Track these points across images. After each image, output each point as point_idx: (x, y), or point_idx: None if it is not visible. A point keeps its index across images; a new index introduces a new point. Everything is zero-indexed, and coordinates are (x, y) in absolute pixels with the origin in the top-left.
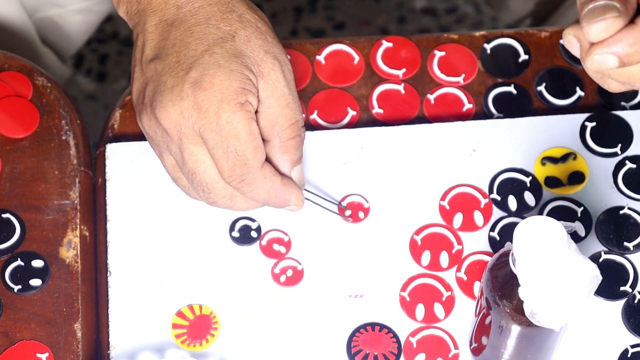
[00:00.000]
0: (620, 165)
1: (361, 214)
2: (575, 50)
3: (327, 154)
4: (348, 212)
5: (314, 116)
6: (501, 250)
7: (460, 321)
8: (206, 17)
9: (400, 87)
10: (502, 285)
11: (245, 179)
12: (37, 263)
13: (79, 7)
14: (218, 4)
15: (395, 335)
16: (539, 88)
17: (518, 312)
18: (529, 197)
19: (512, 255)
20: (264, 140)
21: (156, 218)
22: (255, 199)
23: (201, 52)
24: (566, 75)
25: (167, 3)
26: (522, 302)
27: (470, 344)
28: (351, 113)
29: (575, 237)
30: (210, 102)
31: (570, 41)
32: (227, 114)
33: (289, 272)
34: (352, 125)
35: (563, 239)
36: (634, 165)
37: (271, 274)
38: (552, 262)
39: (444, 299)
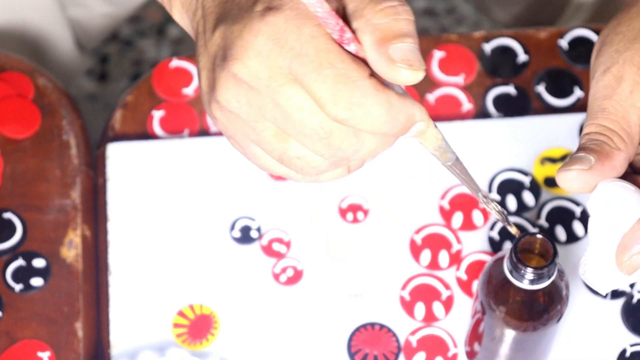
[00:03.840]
0: None
1: (360, 215)
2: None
3: None
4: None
5: None
6: (496, 256)
7: (459, 320)
8: None
9: None
10: (496, 290)
11: (354, 100)
12: (39, 262)
13: (102, 10)
14: None
15: (395, 335)
16: (538, 88)
17: (512, 317)
18: (528, 197)
19: (512, 261)
20: (358, 29)
21: (157, 218)
22: (373, 125)
23: None
24: (565, 75)
25: None
26: (516, 306)
27: (465, 346)
28: None
29: (574, 237)
30: (287, 23)
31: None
32: (307, 28)
33: (289, 272)
34: None
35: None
36: None
37: (271, 273)
38: (622, 228)
39: (443, 298)
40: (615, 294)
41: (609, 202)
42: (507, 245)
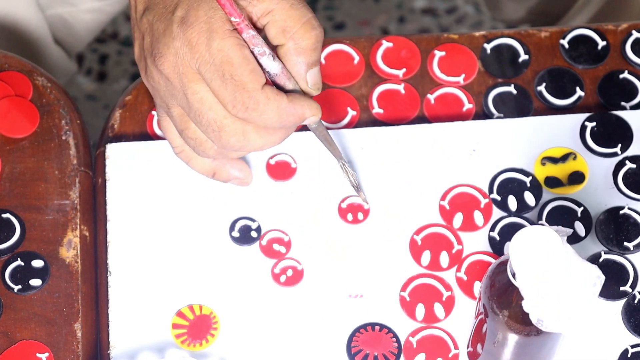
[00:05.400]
0: (620, 165)
1: (361, 215)
2: None
3: (327, 154)
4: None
5: None
6: (500, 259)
7: (460, 321)
8: None
9: (400, 87)
10: (499, 294)
11: (248, 105)
12: (37, 263)
13: (90, 6)
14: None
15: (395, 335)
16: (539, 88)
17: (515, 320)
18: (529, 197)
19: (511, 267)
20: (277, 47)
21: (156, 218)
22: (267, 124)
23: None
24: (566, 75)
25: None
26: (518, 310)
27: (467, 347)
28: (351, 113)
29: (575, 237)
30: (199, 35)
31: None
32: (216, 42)
33: (289, 272)
34: (352, 125)
35: (559, 246)
36: (634, 165)
37: (271, 274)
38: (551, 269)
39: (444, 299)
40: (616, 295)
41: (528, 247)
42: (508, 246)
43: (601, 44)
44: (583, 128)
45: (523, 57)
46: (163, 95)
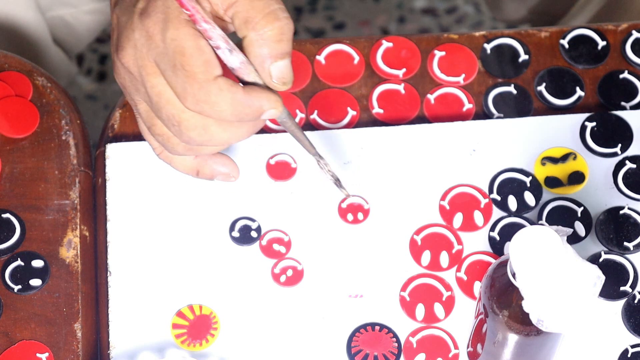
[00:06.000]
0: (620, 165)
1: (361, 215)
2: None
3: (327, 154)
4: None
5: (314, 116)
6: (500, 259)
7: (460, 321)
8: None
9: (400, 87)
10: (499, 294)
11: (199, 97)
12: (37, 263)
13: (90, 7)
14: None
15: (395, 335)
16: (539, 88)
17: (515, 320)
18: (529, 197)
19: (511, 267)
20: (242, 39)
21: (156, 218)
22: (221, 117)
23: None
24: (566, 75)
25: None
26: (518, 310)
27: (467, 347)
28: (351, 113)
29: (575, 237)
30: (155, 24)
31: None
32: (170, 31)
33: (289, 272)
34: (352, 125)
35: (558, 245)
36: (634, 165)
37: (271, 274)
38: (551, 269)
39: (444, 299)
40: (616, 295)
41: (528, 247)
42: (508, 246)
43: (601, 44)
44: (583, 128)
45: (523, 57)
46: (129, 92)
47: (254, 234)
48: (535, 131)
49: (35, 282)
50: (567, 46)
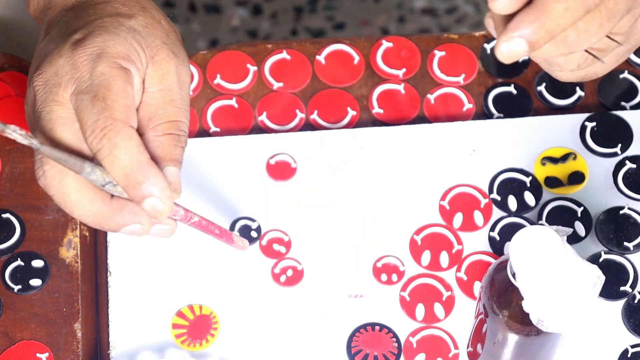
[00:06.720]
0: (620, 165)
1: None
2: (494, 33)
3: (327, 154)
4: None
5: (314, 116)
6: (500, 259)
7: (460, 321)
8: (107, 0)
9: (400, 87)
10: (499, 294)
11: (108, 132)
12: (37, 263)
13: None
14: None
15: (395, 335)
16: (539, 88)
17: (515, 320)
18: (529, 197)
19: (511, 267)
20: (139, 133)
21: None
22: (113, 164)
23: (91, 21)
24: None
25: None
26: (518, 310)
27: (467, 347)
28: (351, 113)
29: (575, 237)
30: (88, 57)
31: (490, 24)
32: (102, 66)
33: (289, 272)
34: (352, 125)
35: (558, 245)
36: (634, 165)
37: (271, 274)
38: (551, 269)
39: (444, 299)
40: (616, 295)
41: (528, 247)
42: (508, 246)
43: None
44: (583, 128)
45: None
46: (27, 113)
47: (254, 234)
48: (535, 131)
49: (35, 282)
50: None
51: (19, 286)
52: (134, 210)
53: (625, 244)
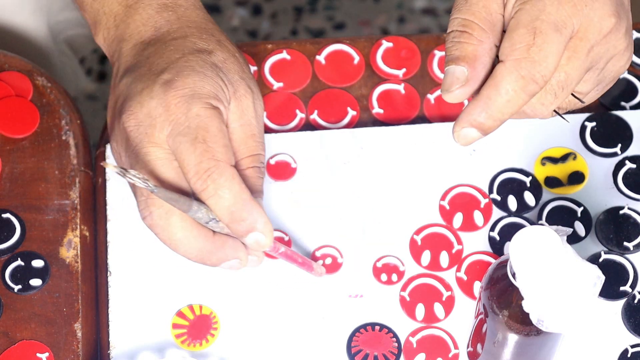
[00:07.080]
0: (620, 165)
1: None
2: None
3: (327, 154)
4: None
5: (314, 116)
6: (500, 259)
7: (460, 321)
8: (184, 34)
9: (400, 87)
10: (499, 294)
11: (212, 173)
12: (37, 263)
13: None
14: (198, 28)
15: (395, 335)
16: None
17: (515, 320)
18: (528, 197)
19: (511, 267)
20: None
21: None
22: (218, 204)
23: (175, 59)
24: None
25: (146, 25)
26: (518, 310)
27: (467, 347)
28: (351, 113)
29: (575, 237)
30: (181, 99)
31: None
32: (197, 107)
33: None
34: (352, 125)
35: (558, 245)
36: (634, 165)
37: (271, 274)
38: (551, 269)
39: (444, 299)
40: (616, 295)
41: (528, 247)
42: (508, 246)
43: None
44: (583, 128)
45: None
46: (118, 151)
47: None
48: (535, 131)
49: (35, 282)
50: None
51: (19, 286)
52: (234, 245)
53: (625, 244)
